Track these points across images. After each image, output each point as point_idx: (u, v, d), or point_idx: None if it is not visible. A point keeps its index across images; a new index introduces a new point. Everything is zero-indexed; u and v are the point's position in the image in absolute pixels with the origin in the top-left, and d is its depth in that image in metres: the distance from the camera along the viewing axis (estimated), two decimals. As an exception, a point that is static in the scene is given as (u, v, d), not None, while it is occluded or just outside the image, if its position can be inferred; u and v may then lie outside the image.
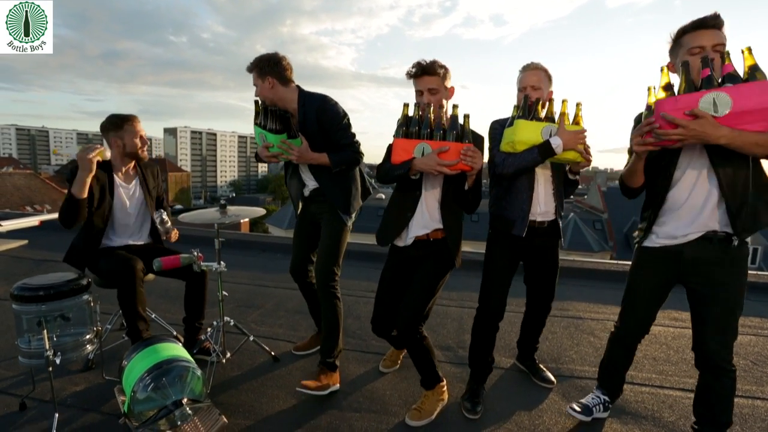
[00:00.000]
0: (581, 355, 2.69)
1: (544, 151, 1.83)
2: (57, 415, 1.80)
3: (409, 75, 1.87)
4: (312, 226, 2.37)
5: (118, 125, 2.24)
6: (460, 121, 1.80)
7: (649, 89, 1.55)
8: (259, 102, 2.16)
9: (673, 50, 1.58)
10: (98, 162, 2.06)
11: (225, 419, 1.74)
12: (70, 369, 2.27)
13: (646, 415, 2.08)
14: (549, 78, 1.99)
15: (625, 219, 23.50)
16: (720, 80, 1.40)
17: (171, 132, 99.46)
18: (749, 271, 1.66)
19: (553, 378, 2.34)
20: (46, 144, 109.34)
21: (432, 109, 1.82)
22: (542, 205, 2.00)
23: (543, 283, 2.21)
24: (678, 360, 2.66)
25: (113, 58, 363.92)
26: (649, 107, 1.54)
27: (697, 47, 1.48)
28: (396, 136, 1.83)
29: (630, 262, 1.88)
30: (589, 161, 1.89)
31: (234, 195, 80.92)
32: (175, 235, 2.43)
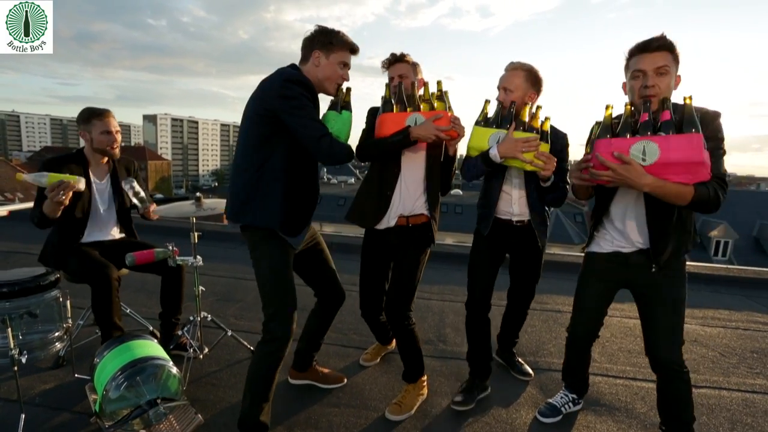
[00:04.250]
0: (559, 349, 2.73)
1: (486, 160, 1.84)
2: (24, 415, 1.73)
3: (385, 64, 1.98)
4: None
5: (86, 119, 2.19)
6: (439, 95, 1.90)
7: (607, 107, 1.57)
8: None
9: (625, 70, 1.60)
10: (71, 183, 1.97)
11: (201, 418, 1.71)
12: (39, 366, 2.19)
13: (619, 407, 2.14)
14: (532, 80, 1.86)
15: (605, 212, 23.94)
16: (659, 126, 1.43)
17: (150, 119, 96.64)
18: (719, 265, 1.74)
19: (530, 371, 2.38)
20: (17, 129, 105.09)
21: (417, 85, 1.92)
22: (516, 206, 1.99)
23: (521, 281, 2.22)
24: (651, 352, 2.73)
25: (87, 41, 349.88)
26: (591, 141, 1.61)
27: (638, 71, 1.50)
28: (385, 111, 1.88)
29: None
30: (542, 169, 1.79)
31: (216, 184, 79.50)
32: (153, 209, 2.24)
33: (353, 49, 1.74)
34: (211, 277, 3.75)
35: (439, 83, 1.90)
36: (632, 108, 1.52)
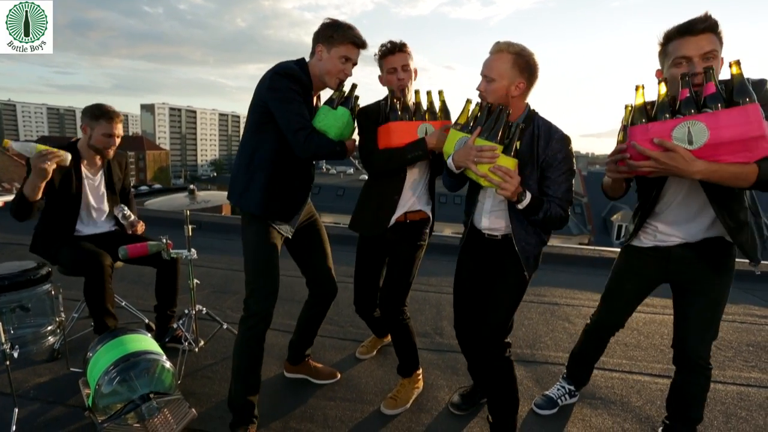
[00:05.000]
0: (556, 341, 2.74)
1: (448, 168, 1.64)
2: (17, 409, 1.73)
3: (384, 53, 1.84)
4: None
5: (95, 116, 2.16)
6: (436, 99, 1.85)
7: (637, 88, 1.37)
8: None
9: (661, 56, 1.41)
10: (58, 165, 1.95)
11: (195, 412, 1.71)
12: (34, 360, 2.18)
13: (614, 400, 2.14)
14: (521, 65, 1.50)
15: (604, 203, 24.01)
16: (702, 101, 1.24)
17: (148, 108, 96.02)
18: None
19: None
20: (13, 118, 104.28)
21: (417, 92, 1.85)
22: (486, 218, 1.70)
23: (488, 305, 1.71)
24: (648, 345, 2.74)
25: (84, 29, 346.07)
26: (624, 127, 1.43)
27: (681, 57, 1.31)
28: (391, 120, 1.80)
29: (605, 247, 1.88)
30: (498, 187, 1.44)
31: (215, 174, 79.22)
32: (141, 227, 2.33)
33: (356, 44, 1.69)
34: (208, 268, 3.74)
35: (440, 93, 1.86)
36: (668, 86, 1.32)
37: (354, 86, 1.77)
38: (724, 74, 1.31)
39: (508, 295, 1.68)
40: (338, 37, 1.66)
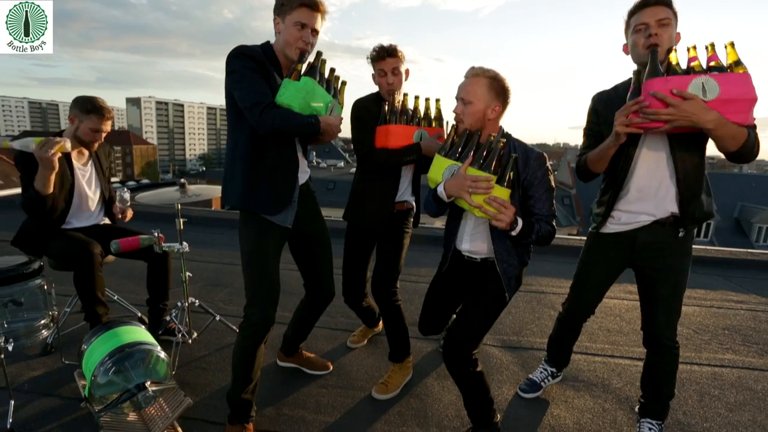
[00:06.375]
0: (541, 328, 2.82)
1: (436, 197, 1.61)
2: (13, 402, 1.75)
3: (374, 58, 1.94)
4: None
5: (86, 109, 2.15)
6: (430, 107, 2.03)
7: (660, 52, 1.48)
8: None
9: (626, 31, 1.61)
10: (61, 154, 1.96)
11: (190, 400, 1.75)
12: (27, 354, 2.20)
13: (596, 383, 2.23)
14: (497, 89, 1.53)
15: (592, 194, 24.23)
16: (707, 68, 1.41)
17: (134, 102, 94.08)
18: (698, 246, 1.77)
19: None
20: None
21: (416, 100, 2.00)
22: (467, 241, 1.71)
23: (460, 322, 1.66)
24: (629, 331, 2.84)
25: (65, 19, 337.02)
26: (634, 91, 1.50)
27: (641, 24, 1.51)
28: (390, 122, 1.93)
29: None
30: (493, 218, 1.46)
31: (204, 169, 78.28)
32: (129, 214, 2.36)
33: (308, 5, 1.54)
34: (200, 262, 3.75)
35: (437, 101, 2.01)
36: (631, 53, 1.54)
37: (319, 54, 1.61)
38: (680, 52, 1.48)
39: (483, 316, 1.65)
40: (288, 3, 1.55)
